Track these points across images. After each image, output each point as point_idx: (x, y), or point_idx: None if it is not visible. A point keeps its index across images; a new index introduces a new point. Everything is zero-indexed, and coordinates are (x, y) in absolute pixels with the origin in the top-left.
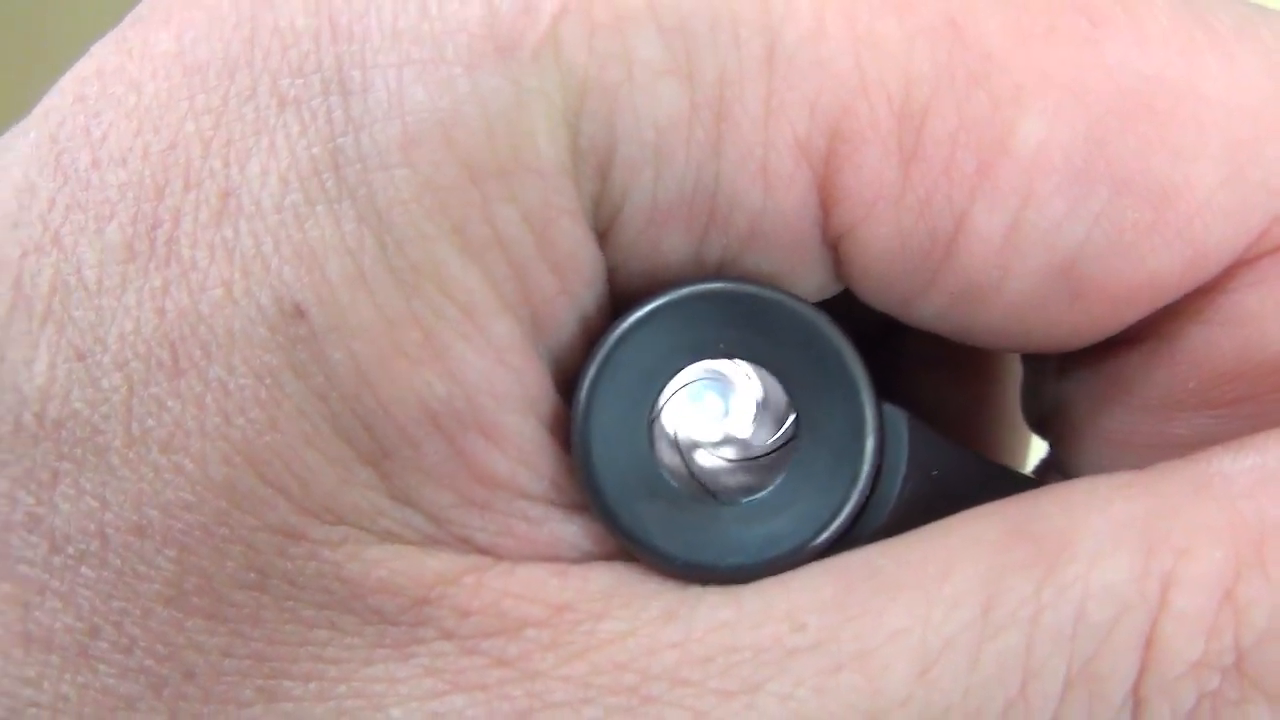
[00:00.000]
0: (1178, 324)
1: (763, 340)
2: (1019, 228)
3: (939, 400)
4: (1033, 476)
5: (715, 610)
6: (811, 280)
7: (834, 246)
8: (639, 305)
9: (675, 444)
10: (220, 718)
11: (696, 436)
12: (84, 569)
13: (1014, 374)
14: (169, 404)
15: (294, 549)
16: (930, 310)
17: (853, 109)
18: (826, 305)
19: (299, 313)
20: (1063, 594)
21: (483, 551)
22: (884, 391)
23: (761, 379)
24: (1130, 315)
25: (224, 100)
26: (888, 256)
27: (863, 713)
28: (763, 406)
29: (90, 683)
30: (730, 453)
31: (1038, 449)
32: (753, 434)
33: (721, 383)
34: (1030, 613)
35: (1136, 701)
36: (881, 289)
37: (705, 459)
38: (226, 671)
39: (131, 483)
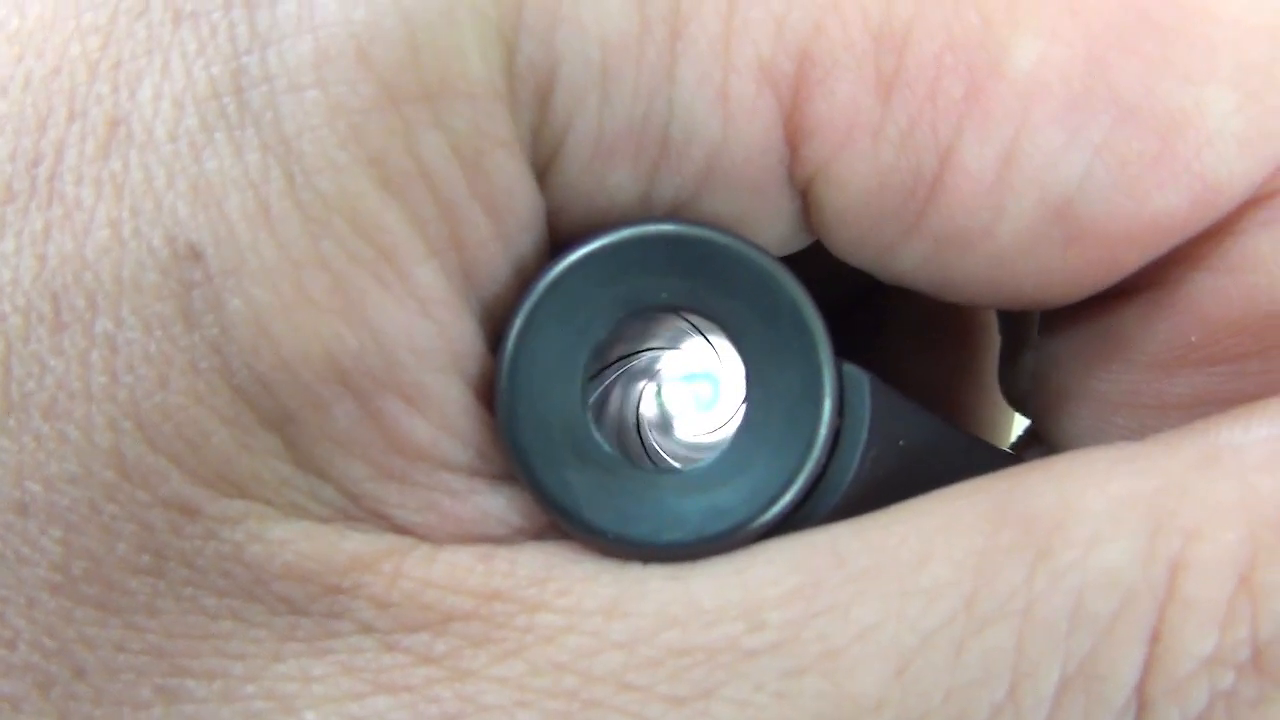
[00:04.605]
0: (1180, 271)
1: (711, 291)
2: (1012, 162)
3: (916, 375)
4: (1012, 452)
5: (664, 606)
6: (774, 229)
7: (803, 190)
8: (573, 248)
9: (611, 404)
10: None
11: (636, 397)
12: None
13: (995, 345)
14: (51, 363)
15: (190, 527)
16: (911, 261)
17: (824, 27)
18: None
19: (194, 254)
20: (1057, 582)
21: (401, 530)
22: (846, 353)
23: (708, 333)
24: (1131, 261)
25: (112, 17)
26: (864, 198)
27: None
28: (710, 365)
29: None
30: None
31: (1019, 428)
32: (700, 395)
33: (697, 355)
34: (1020, 604)
35: (1141, 703)
36: (856, 238)
37: (645, 421)
38: (121, 669)
39: (11, 454)
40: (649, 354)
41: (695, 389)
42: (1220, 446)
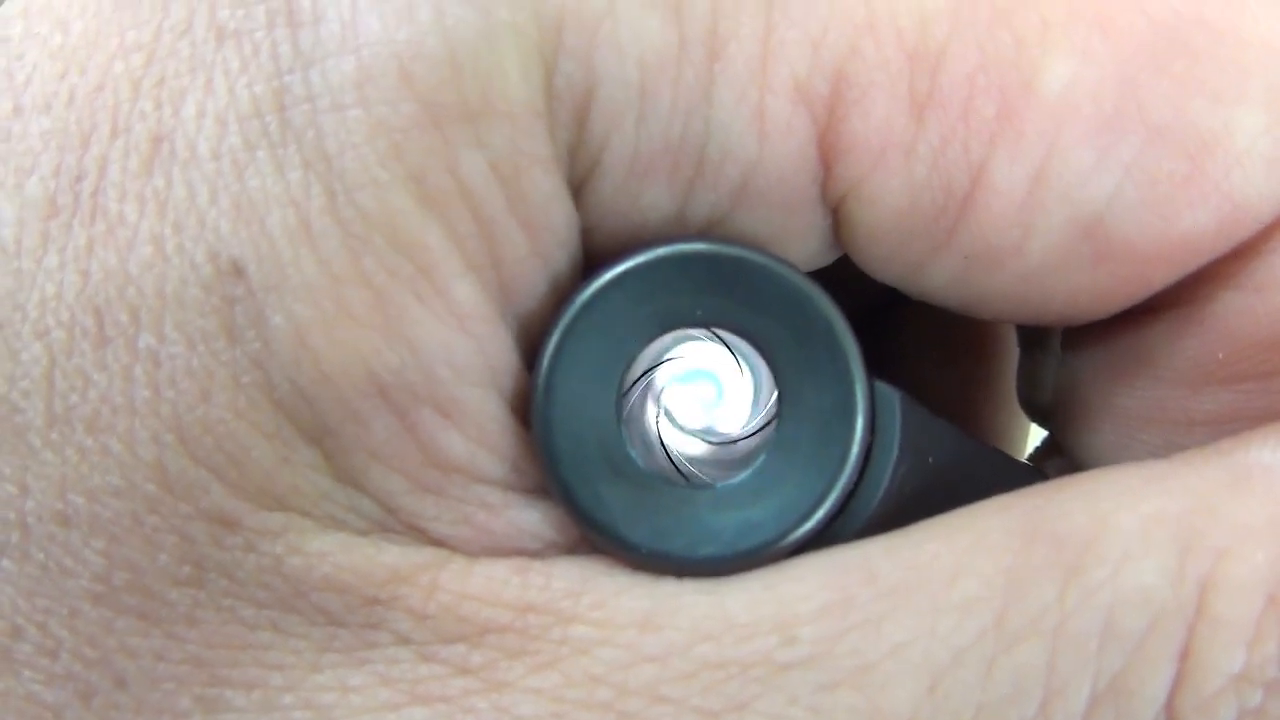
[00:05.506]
0: (1208, 289)
1: (745, 309)
2: (1043, 180)
3: (935, 387)
4: (1040, 469)
5: (698, 620)
6: (806, 246)
7: (835, 208)
8: (609, 266)
9: (646, 421)
10: None
11: (670, 413)
12: (4, 563)
13: (1014, 358)
14: (94, 377)
15: (230, 539)
16: (941, 278)
17: (859, 48)
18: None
19: (236, 270)
20: (1088, 600)
21: (437, 543)
22: (877, 369)
23: (742, 351)
24: (1159, 279)
25: (156, 35)
26: (896, 216)
27: None
28: (744, 382)
29: (13, 689)
30: (707, 432)
31: (1034, 439)
32: (732, 411)
33: (699, 353)
34: (1052, 622)
35: (1170, 719)
36: (886, 254)
37: (679, 438)
38: (161, 678)
39: (54, 466)
40: (664, 365)
41: (698, 390)
42: (1250, 465)
